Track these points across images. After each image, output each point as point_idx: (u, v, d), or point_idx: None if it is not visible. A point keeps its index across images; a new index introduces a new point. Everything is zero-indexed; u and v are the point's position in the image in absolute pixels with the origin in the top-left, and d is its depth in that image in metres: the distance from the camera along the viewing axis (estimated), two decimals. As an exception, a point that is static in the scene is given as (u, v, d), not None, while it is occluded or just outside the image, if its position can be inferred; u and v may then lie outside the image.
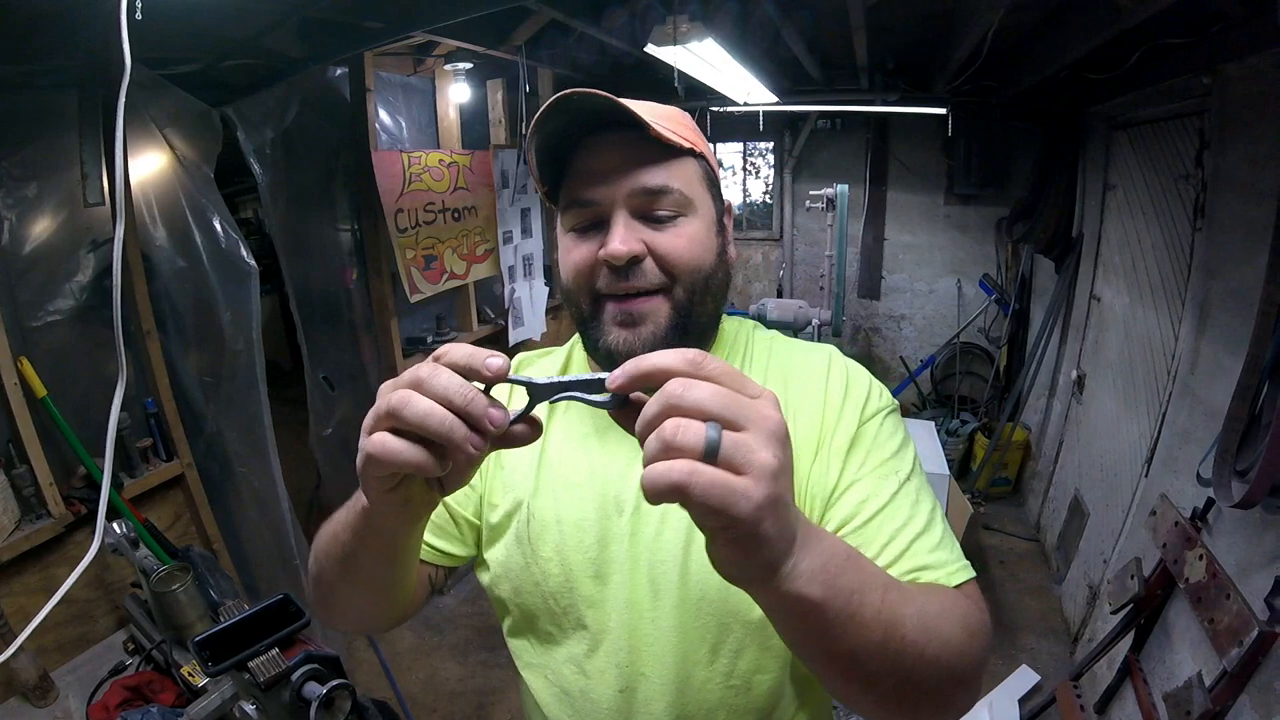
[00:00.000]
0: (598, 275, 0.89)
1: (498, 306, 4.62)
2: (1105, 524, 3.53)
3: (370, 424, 0.61)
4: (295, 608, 1.56)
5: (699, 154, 0.93)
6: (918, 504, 0.88)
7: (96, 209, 2.41)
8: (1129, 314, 3.67)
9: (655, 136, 0.84)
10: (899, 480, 0.89)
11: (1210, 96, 2.71)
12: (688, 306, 0.90)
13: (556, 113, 0.83)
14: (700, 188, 0.92)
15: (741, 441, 0.52)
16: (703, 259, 0.90)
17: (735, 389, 0.54)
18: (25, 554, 2.13)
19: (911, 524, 0.86)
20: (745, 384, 0.56)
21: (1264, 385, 2.00)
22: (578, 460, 0.98)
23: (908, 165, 6.32)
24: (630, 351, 0.86)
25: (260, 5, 2.36)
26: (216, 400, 2.93)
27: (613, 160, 0.87)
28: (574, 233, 0.92)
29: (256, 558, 3.15)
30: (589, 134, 0.89)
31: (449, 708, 3.38)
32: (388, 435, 0.59)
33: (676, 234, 0.88)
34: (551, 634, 0.99)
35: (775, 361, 1.01)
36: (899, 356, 6.70)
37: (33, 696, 2.00)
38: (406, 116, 3.91)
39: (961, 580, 0.84)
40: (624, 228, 0.87)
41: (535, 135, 0.87)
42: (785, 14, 3.09)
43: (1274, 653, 1.88)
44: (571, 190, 0.91)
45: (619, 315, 0.89)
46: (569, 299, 0.95)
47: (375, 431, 0.60)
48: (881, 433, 0.93)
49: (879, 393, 0.98)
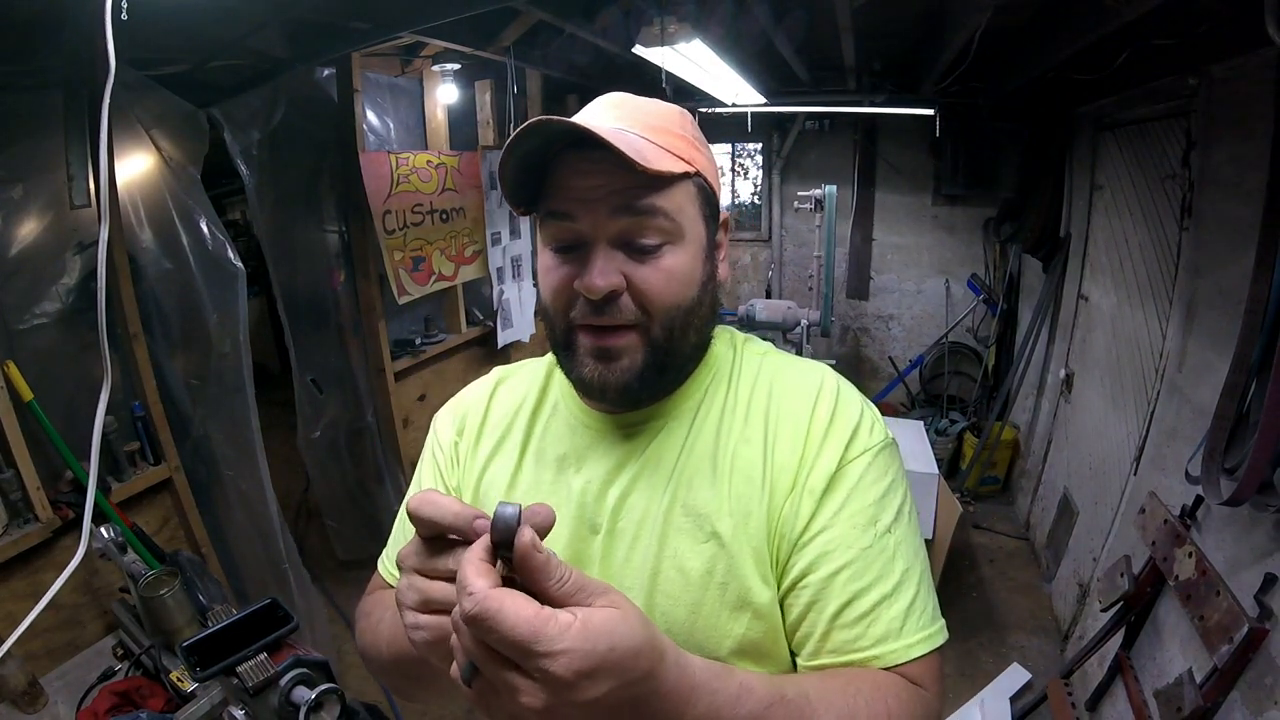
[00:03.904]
0: (574, 303, 0.84)
1: (486, 308, 4.61)
2: (1094, 522, 3.55)
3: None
4: (283, 612, 1.55)
5: (694, 173, 0.86)
6: (893, 561, 0.82)
7: (82, 211, 2.39)
8: (1117, 313, 3.69)
9: (642, 171, 0.77)
10: (876, 533, 0.83)
11: (1197, 97, 2.73)
12: (665, 344, 0.85)
13: (534, 134, 0.77)
14: (692, 210, 0.86)
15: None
16: (683, 295, 0.85)
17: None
18: (13, 559, 2.10)
19: (879, 585, 0.81)
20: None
21: (1251, 383, 2.01)
22: (555, 481, 0.95)
23: (895, 166, 6.34)
24: (604, 385, 0.85)
25: (246, 6, 2.34)
26: (204, 403, 2.91)
27: (596, 180, 0.80)
28: (552, 252, 0.86)
29: (245, 562, 3.13)
30: (572, 147, 0.81)
31: (439, 711, 3.37)
32: (428, 616, 0.62)
33: (657, 268, 0.83)
34: None
35: (763, 379, 0.95)
36: (887, 356, 6.73)
37: (21, 703, 1.98)
38: (394, 117, 3.90)
39: (919, 655, 0.80)
40: (603, 259, 0.81)
41: (508, 158, 0.80)
42: (773, 15, 3.09)
43: (1264, 649, 1.89)
44: (552, 203, 0.84)
45: (594, 349, 0.85)
46: (545, 317, 0.91)
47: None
48: (866, 476, 0.86)
49: (869, 427, 0.89)
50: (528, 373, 1.07)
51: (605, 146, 0.75)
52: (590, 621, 0.53)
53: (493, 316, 4.55)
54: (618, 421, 0.94)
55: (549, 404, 1.01)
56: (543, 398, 1.02)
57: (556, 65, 4.05)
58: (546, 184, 0.85)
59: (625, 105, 0.89)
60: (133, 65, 2.50)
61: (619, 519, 0.90)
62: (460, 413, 1.06)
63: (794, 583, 0.83)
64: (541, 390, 1.03)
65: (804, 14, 3.19)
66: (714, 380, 0.96)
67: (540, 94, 4.68)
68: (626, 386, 0.85)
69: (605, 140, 0.74)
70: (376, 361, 3.78)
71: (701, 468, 0.89)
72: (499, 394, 1.06)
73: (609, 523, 0.90)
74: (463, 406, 1.07)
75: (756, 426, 0.90)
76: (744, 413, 0.92)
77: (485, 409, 1.04)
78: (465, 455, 1.02)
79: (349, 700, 1.56)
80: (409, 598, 0.62)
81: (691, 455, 0.90)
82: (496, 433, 1.02)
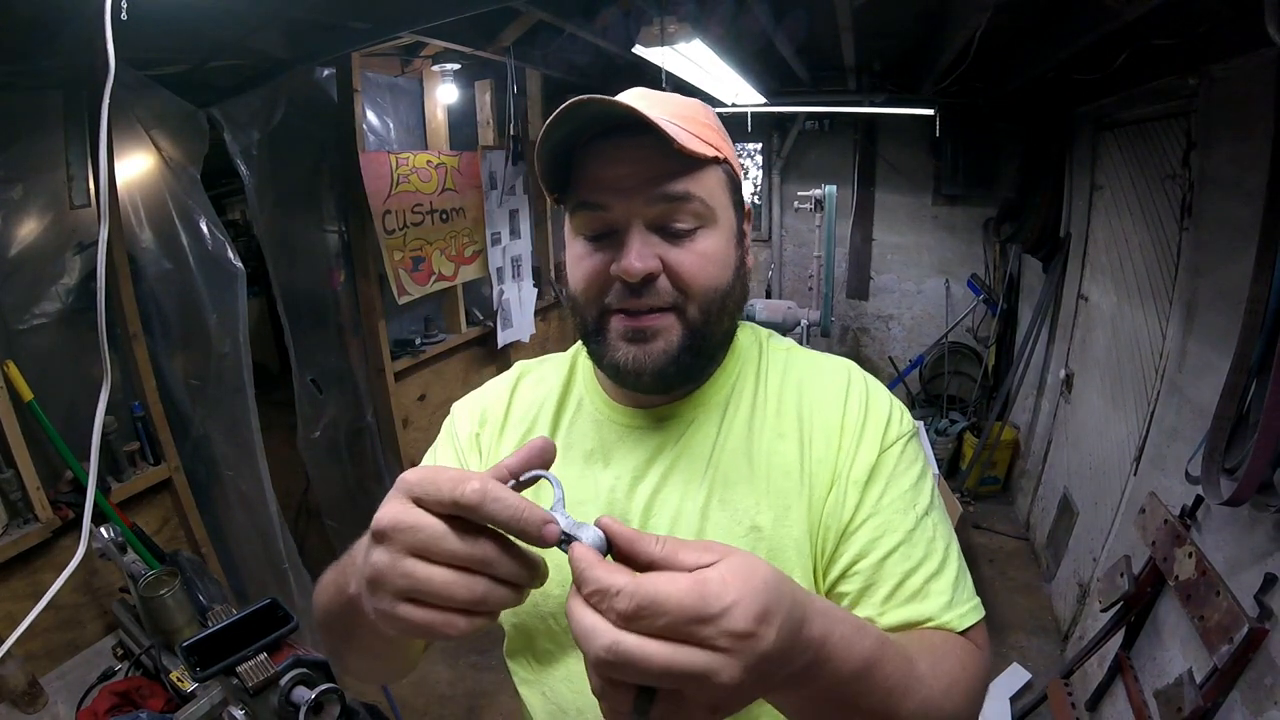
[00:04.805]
0: (609, 289, 0.84)
1: (486, 308, 4.61)
2: (1094, 522, 3.55)
3: (393, 578, 0.54)
4: (284, 612, 1.55)
5: (723, 160, 0.87)
6: (934, 540, 0.85)
7: (82, 211, 2.39)
8: (1117, 313, 3.69)
9: (679, 150, 0.78)
10: (917, 515, 0.86)
11: (1197, 97, 2.73)
12: (702, 326, 0.85)
13: (570, 119, 0.77)
14: (723, 196, 0.87)
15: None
16: (720, 277, 0.86)
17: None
18: (13, 559, 2.11)
19: (927, 563, 0.83)
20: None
21: (1251, 383, 2.01)
22: (581, 477, 0.94)
23: (895, 166, 6.34)
24: (640, 369, 0.84)
25: (246, 6, 2.34)
26: (204, 403, 2.91)
27: (629, 168, 0.81)
28: (584, 240, 0.86)
29: (245, 562, 3.13)
30: (601, 136, 0.82)
31: (439, 711, 3.37)
32: (416, 610, 0.54)
33: (694, 250, 0.83)
34: (550, 652, 0.96)
35: (791, 375, 0.96)
36: (887, 356, 6.72)
37: (21, 703, 1.98)
38: (394, 117, 3.90)
39: (971, 623, 0.83)
40: (640, 243, 0.81)
41: (544, 144, 0.80)
42: (773, 15, 3.09)
43: (1264, 649, 1.89)
44: (582, 193, 0.84)
45: (629, 332, 0.84)
46: (575, 308, 0.90)
47: (390, 588, 0.54)
48: (901, 461, 0.89)
49: (900, 416, 0.93)
50: (550, 368, 1.07)
51: (639, 132, 0.78)
52: (732, 566, 0.50)
53: (493, 316, 4.55)
54: (646, 416, 0.94)
55: (573, 400, 1.01)
56: (566, 394, 1.02)
57: (556, 65, 4.05)
58: (575, 175, 0.85)
59: (650, 97, 0.89)
60: (133, 65, 2.50)
61: (651, 515, 0.90)
62: (481, 406, 1.05)
63: (844, 571, 0.85)
64: (565, 386, 1.02)
65: (804, 14, 3.19)
66: (741, 373, 0.97)
67: (540, 94, 4.68)
68: (662, 371, 0.84)
69: (650, 120, 0.75)
70: (376, 361, 3.77)
71: (737, 463, 0.90)
72: (521, 389, 1.05)
73: (640, 519, 0.90)
74: (484, 400, 1.06)
75: (790, 422, 0.91)
76: (775, 408, 0.93)
77: (508, 403, 1.04)
78: (488, 447, 1.01)
79: (349, 700, 1.56)
80: (394, 582, 0.53)
81: (725, 450, 0.91)
82: (522, 426, 1.01)
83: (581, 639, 0.49)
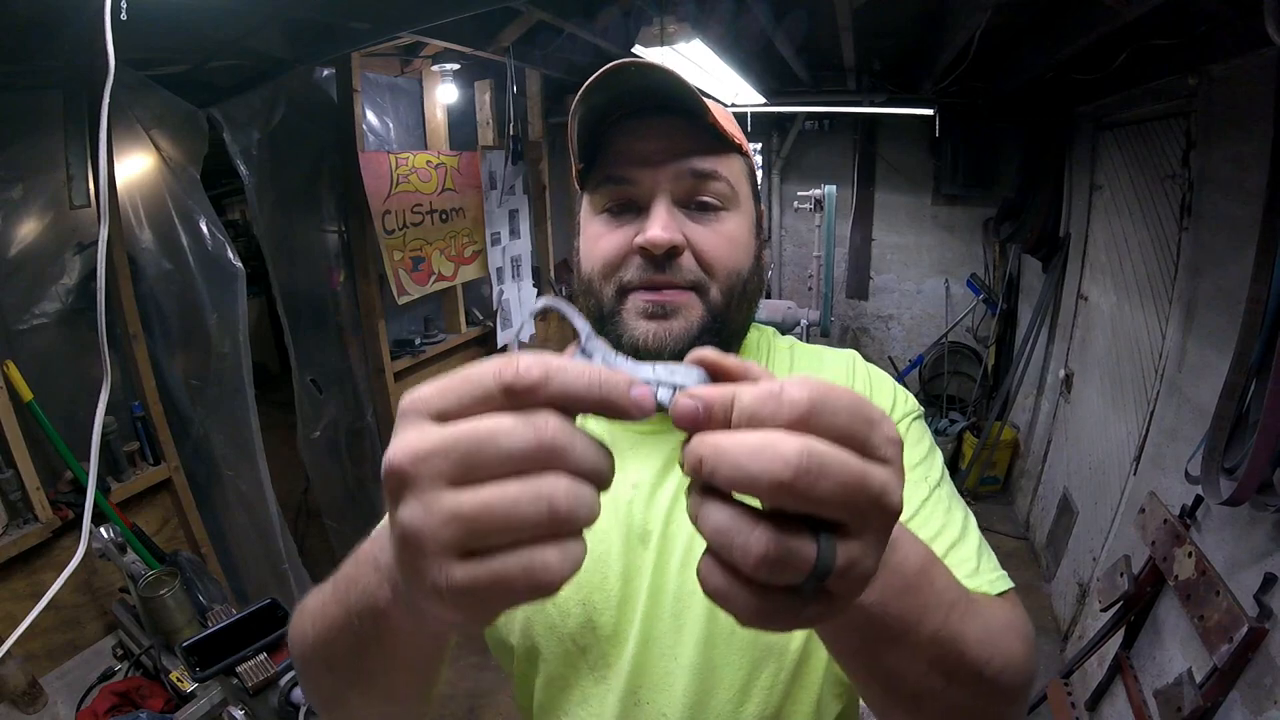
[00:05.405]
0: (628, 265, 0.81)
1: (486, 308, 4.61)
2: (1094, 522, 3.55)
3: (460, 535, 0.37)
4: (284, 612, 1.55)
5: (745, 152, 0.88)
6: (950, 511, 0.82)
7: (82, 211, 2.39)
8: (1116, 313, 3.69)
9: (711, 125, 0.78)
10: (929, 486, 0.83)
11: (1196, 97, 2.73)
12: (723, 310, 0.82)
13: (606, 86, 0.76)
14: (745, 185, 0.87)
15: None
16: (742, 261, 0.85)
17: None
18: (13, 559, 2.10)
19: (946, 532, 0.80)
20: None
21: (1251, 383, 2.01)
22: None
23: (895, 166, 6.34)
24: (660, 346, 0.79)
25: (246, 6, 2.34)
26: (203, 403, 2.91)
27: (657, 143, 0.80)
28: (605, 215, 0.84)
29: (244, 562, 3.13)
30: (632, 115, 0.81)
31: (439, 711, 3.37)
32: (480, 565, 0.38)
33: (719, 230, 0.82)
34: (565, 676, 0.89)
35: (797, 368, 0.96)
36: (887, 356, 6.73)
37: (21, 703, 1.98)
38: (394, 117, 3.90)
39: (1003, 589, 0.78)
40: (666, 213, 0.79)
41: (580, 107, 0.79)
42: (773, 15, 3.10)
43: (1264, 649, 1.89)
44: (607, 168, 0.82)
45: (648, 308, 0.80)
46: (589, 289, 0.85)
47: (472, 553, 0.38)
48: (908, 440, 0.85)
49: (904, 398, 0.93)
50: None
51: (669, 113, 0.79)
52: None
53: (492, 317, 4.55)
54: (658, 420, 0.91)
55: None
56: None
57: (556, 65, 4.05)
58: (601, 153, 0.84)
59: None
60: (132, 65, 2.50)
61: (671, 523, 0.86)
62: None
63: None
64: None
65: (804, 14, 3.20)
66: None
67: (540, 94, 4.68)
68: (682, 351, 0.79)
69: (688, 85, 0.75)
70: (376, 361, 3.77)
71: None
72: None
73: (661, 528, 0.86)
74: None
75: None
76: None
77: None
78: None
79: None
80: (439, 534, 0.37)
81: None
82: None
83: (751, 459, 0.36)
